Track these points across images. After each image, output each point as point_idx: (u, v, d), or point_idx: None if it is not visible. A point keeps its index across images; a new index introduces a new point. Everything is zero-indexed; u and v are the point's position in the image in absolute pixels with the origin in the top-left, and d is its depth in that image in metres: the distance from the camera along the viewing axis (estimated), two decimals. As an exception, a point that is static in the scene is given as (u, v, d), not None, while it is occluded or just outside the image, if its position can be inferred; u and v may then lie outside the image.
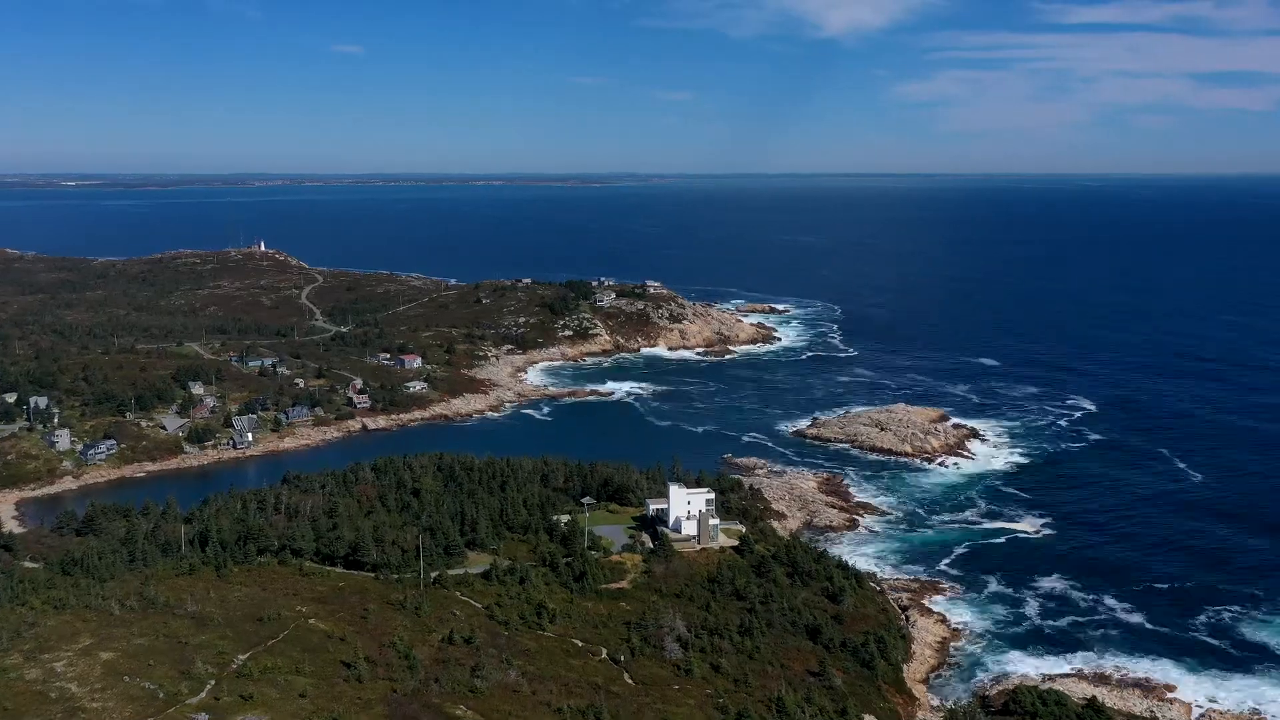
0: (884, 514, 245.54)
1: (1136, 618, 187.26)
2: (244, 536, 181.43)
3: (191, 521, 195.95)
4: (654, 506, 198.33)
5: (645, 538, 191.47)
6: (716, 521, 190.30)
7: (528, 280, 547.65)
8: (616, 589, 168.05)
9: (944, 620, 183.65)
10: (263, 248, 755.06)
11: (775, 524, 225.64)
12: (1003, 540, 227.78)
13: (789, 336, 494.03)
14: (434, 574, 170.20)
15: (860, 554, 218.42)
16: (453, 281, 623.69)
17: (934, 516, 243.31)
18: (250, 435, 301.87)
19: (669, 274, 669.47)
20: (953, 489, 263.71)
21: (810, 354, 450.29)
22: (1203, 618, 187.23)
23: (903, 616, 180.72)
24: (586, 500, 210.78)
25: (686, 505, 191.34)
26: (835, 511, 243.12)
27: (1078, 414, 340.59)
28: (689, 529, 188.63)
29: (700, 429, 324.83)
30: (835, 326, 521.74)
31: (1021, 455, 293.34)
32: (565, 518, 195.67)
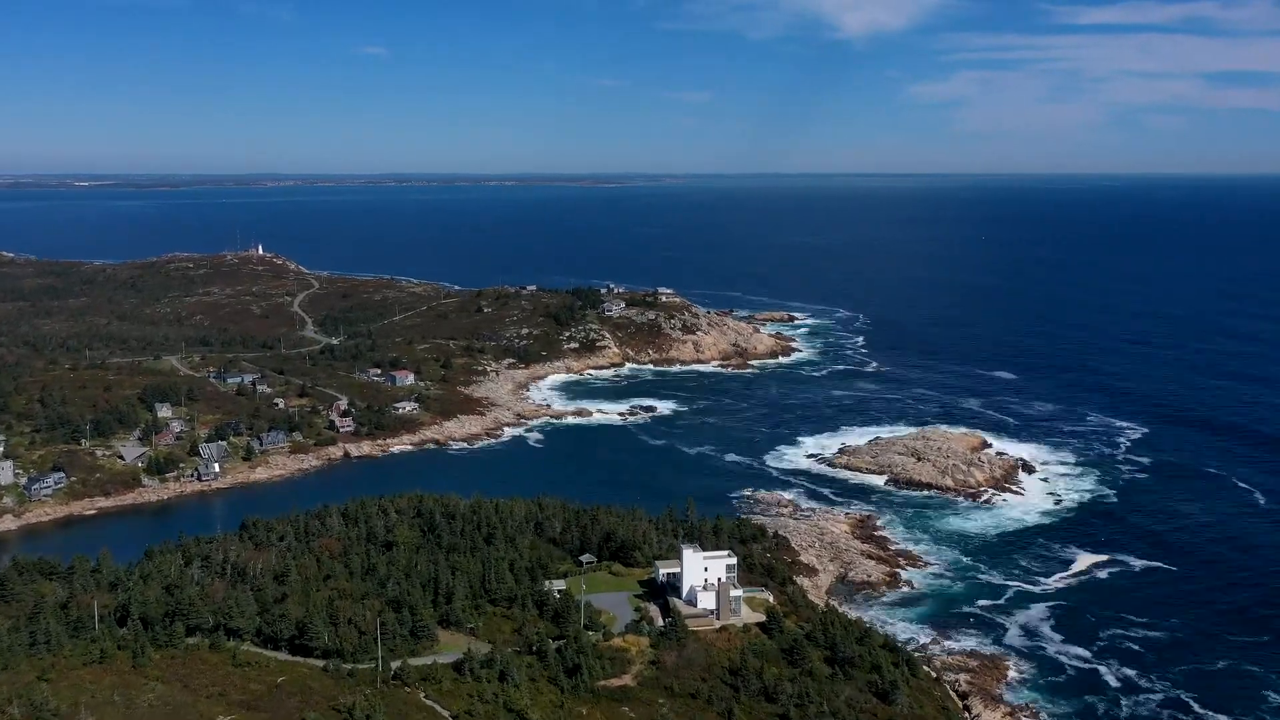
0: (929, 565, 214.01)
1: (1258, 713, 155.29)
2: (172, 612, 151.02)
3: (117, 588, 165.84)
4: (664, 571, 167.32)
5: (654, 611, 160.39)
6: (739, 593, 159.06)
7: (532, 287, 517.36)
8: (618, 687, 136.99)
9: (1013, 715, 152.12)
10: (260, 251, 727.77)
11: (805, 581, 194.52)
12: (1073, 599, 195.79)
13: (809, 348, 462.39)
14: (395, 664, 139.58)
15: (905, 619, 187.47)
16: (454, 288, 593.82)
17: (987, 568, 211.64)
18: (217, 466, 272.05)
19: (681, 278, 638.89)
20: (1005, 533, 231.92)
21: (832, 367, 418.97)
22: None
23: (965, 713, 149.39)
24: (585, 559, 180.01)
25: (703, 573, 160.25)
26: (872, 563, 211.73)
27: (1130, 437, 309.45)
28: (706, 602, 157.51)
29: (716, 455, 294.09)
30: (856, 337, 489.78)
31: (1079, 489, 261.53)
32: (559, 585, 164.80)
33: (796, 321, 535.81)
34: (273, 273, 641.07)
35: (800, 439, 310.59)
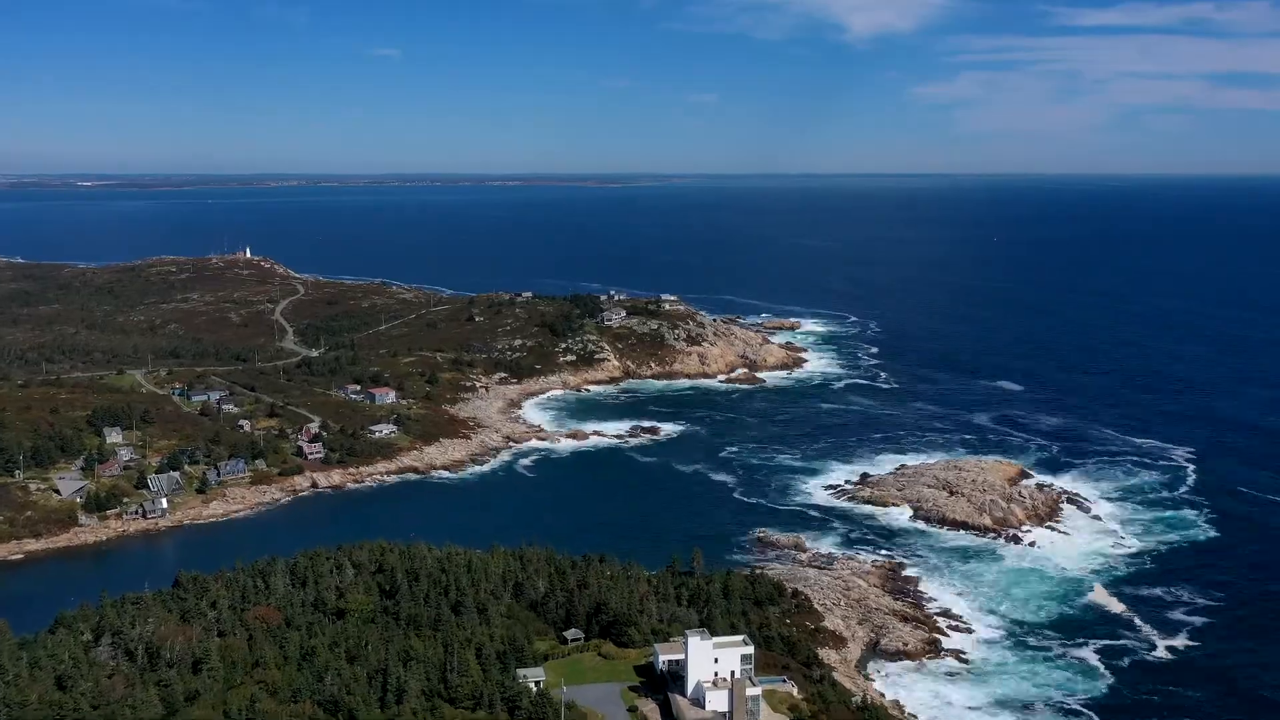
0: (974, 628, 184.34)
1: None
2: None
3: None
4: (665, 658, 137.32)
5: (652, 712, 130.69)
6: (757, 691, 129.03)
7: (528, 294, 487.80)
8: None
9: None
10: (248, 254, 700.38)
11: (832, 654, 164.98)
12: (1159, 677, 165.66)
13: (820, 360, 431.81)
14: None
15: (952, 704, 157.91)
16: (447, 293, 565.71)
17: (1046, 631, 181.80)
18: (164, 501, 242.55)
19: (685, 281, 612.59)
20: (1060, 583, 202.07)
21: (846, 382, 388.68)
22: None
23: None
24: (572, 636, 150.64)
25: (713, 665, 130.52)
26: (908, 627, 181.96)
27: (1175, 458, 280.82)
28: (717, 703, 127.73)
29: (723, 485, 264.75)
30: (869, 347, 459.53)
31: (1136, 527, 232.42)
32: (536, 675, 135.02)
33: (806, 329, 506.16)
34: (258, 277, 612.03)
35: (817, 466, 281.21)
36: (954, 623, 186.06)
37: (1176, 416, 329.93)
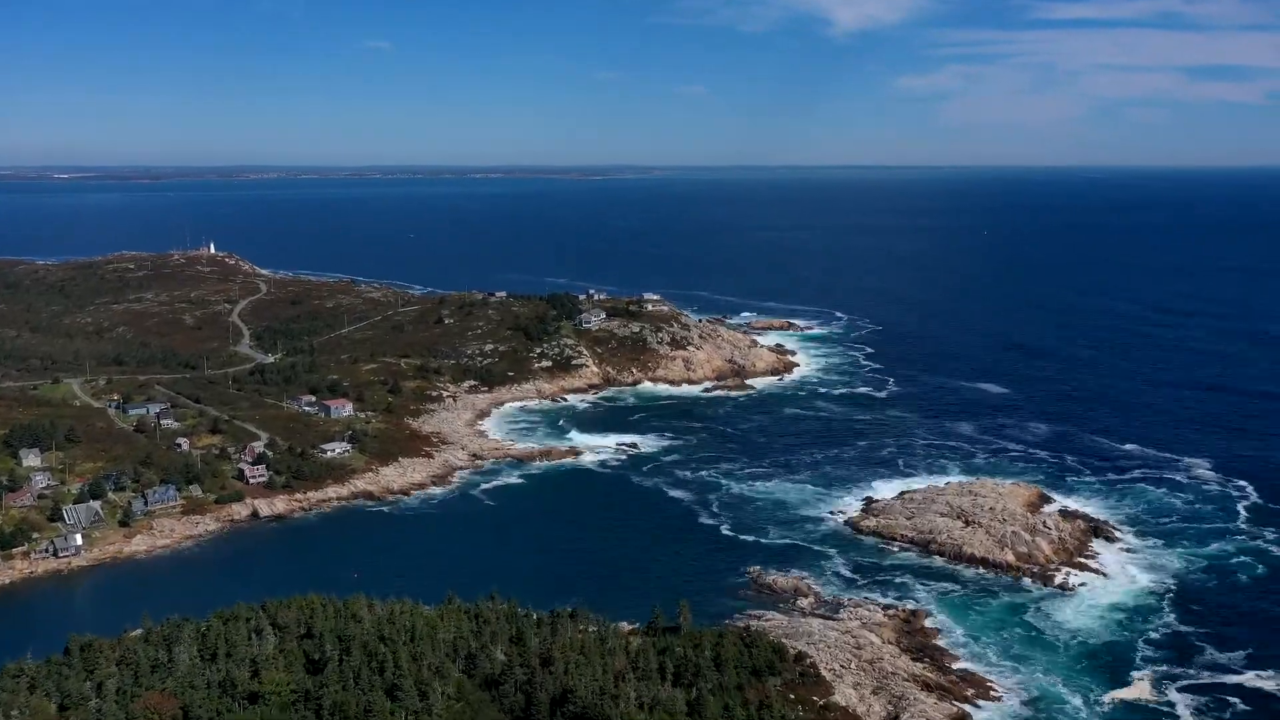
0: (1008, 696, 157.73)
1: None
2: None
3: None
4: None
5: None
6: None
7: (502, 294, 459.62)
8: None
9: None
10: (212, 250, 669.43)
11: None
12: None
13: (812, 364, 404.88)
14: None
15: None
16: (418, 291, 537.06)
17: (1095, 702, 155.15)
18: (79, 537, 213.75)
19: (667, 278, 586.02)
20: (1104, 638, 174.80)
21: (841, 389, 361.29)
22: None
23: None
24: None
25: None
26: (932, 698, 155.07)
27: (1206, 482, 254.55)
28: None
29: (712, 513, 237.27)
30: (863, 348, 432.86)
31: (1178, 566, 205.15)
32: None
33: (795, 329, 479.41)
34: (220, 275, 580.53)
35: (815, 489, 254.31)
36: (983, 689, 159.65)
37: (1189, 421, 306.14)
